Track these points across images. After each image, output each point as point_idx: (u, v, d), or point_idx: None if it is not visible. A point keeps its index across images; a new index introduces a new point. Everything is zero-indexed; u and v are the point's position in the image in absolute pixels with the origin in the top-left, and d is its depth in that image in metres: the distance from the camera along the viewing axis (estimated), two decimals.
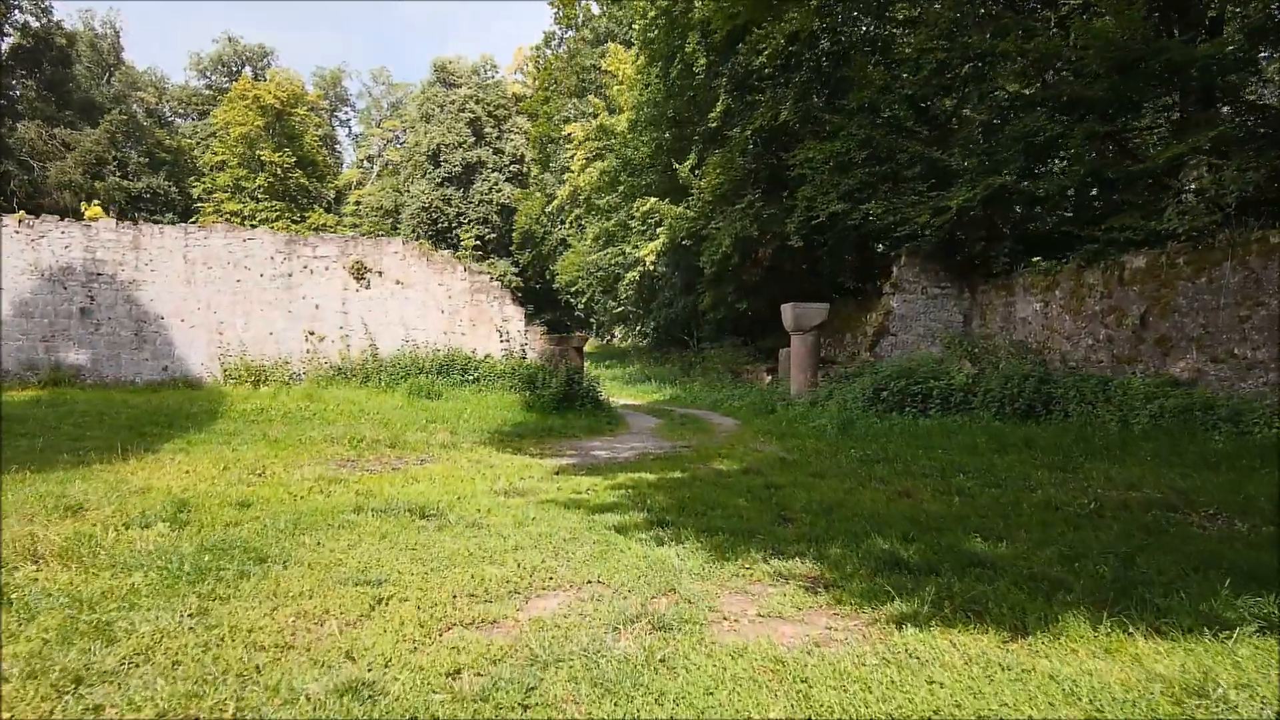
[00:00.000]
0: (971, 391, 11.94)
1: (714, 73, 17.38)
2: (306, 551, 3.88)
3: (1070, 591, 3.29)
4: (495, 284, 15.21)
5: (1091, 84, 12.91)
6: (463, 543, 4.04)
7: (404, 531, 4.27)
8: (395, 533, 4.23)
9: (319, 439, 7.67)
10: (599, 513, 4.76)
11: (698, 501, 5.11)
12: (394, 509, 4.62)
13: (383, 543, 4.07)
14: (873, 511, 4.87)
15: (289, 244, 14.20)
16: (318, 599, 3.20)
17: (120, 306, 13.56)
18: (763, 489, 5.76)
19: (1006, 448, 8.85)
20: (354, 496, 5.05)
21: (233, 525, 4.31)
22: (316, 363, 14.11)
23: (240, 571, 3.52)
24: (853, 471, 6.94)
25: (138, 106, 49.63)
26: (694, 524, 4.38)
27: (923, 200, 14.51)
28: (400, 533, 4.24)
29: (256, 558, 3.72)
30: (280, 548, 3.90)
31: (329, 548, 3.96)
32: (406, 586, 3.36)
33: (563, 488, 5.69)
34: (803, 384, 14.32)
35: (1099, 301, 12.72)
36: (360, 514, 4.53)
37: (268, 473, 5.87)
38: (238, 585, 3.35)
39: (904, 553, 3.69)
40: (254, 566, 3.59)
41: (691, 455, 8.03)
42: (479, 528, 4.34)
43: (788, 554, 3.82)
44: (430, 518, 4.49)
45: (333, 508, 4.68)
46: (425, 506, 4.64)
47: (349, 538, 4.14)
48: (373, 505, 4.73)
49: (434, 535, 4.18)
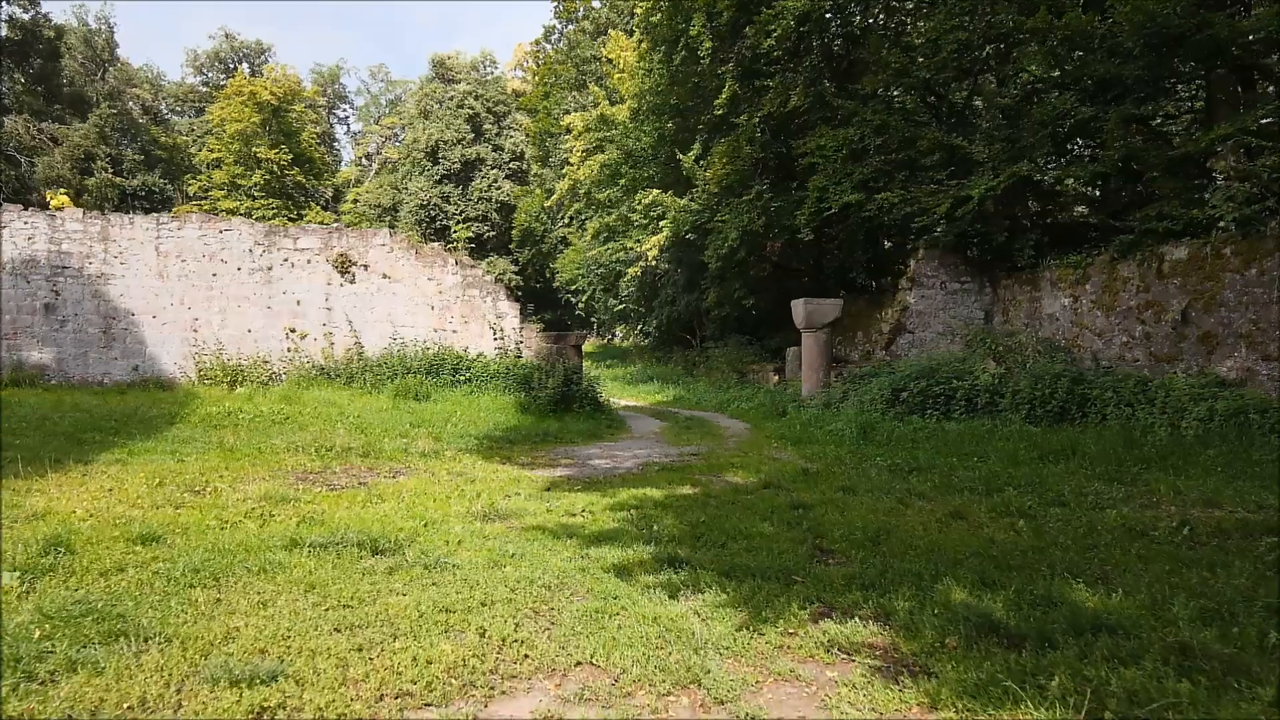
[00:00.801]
0: (998, 392, 11.13)
1: (720, 58, 16.52)
2: (189, 618, 2.90)
3: (1264, 684, 2.35)
4: (488, 279, 14.35)
5: (1125, 64, 12.05)
6: (415, 595, 3.13)
7: (341, 579, 3.36)
8: (329, 582, 3.32)
9: (282, 447, 6.81)
10: (595, 544, 3.89)
11: (714, 528, 4.25)
12: (340, 542, 3.74)
13: (307, 598, 3.14)
14: (928, 541, 4.01)
15: (268, 235, 13.33)
16: (162, 714, 2.23)
17: (88, 302, 12.70)
18: (788, 509, 4.90)
19: (1049, 456, 8.04)
20: (296, 524, 4.17)
21: (114, 573, 3.34)
22: (298, 362, 13.25)
23: (69, 660, 2.49)
24: (885, 485, 6.09)
25: (133, 103, 48.86)
26: (713, 561, 3.52)
27: (942, 189, 13.66)
28: (336, 581, 3.32)
29: (110, 632, 2.72)
30: (155, 613, 2.90)
31: (226, 610, 3.01)
32: (309, 684, 2.38)
33: (553, 509, 4.83)
34: (815, 384, 13.46)
35: (1135, 296, 11.87)
36: (294, 551, 3.63)
37: (208, 490, 5.00)
38: (44, 694, 2.31)
39: (993, 607, 2.82)
40: (97, 648, 2.58)
41: (701, 465, 7.17)
42: (442, 570, 3.46)
43: (840, 607, 2.95)
44: (384, 554, 3.60)
45: (262, 542, 3.79)
46: (380, 538, 3.76)
47: (262, 591, 3.21)
48: (314, 537, 3.83)
49: (381, 583, 3.30)
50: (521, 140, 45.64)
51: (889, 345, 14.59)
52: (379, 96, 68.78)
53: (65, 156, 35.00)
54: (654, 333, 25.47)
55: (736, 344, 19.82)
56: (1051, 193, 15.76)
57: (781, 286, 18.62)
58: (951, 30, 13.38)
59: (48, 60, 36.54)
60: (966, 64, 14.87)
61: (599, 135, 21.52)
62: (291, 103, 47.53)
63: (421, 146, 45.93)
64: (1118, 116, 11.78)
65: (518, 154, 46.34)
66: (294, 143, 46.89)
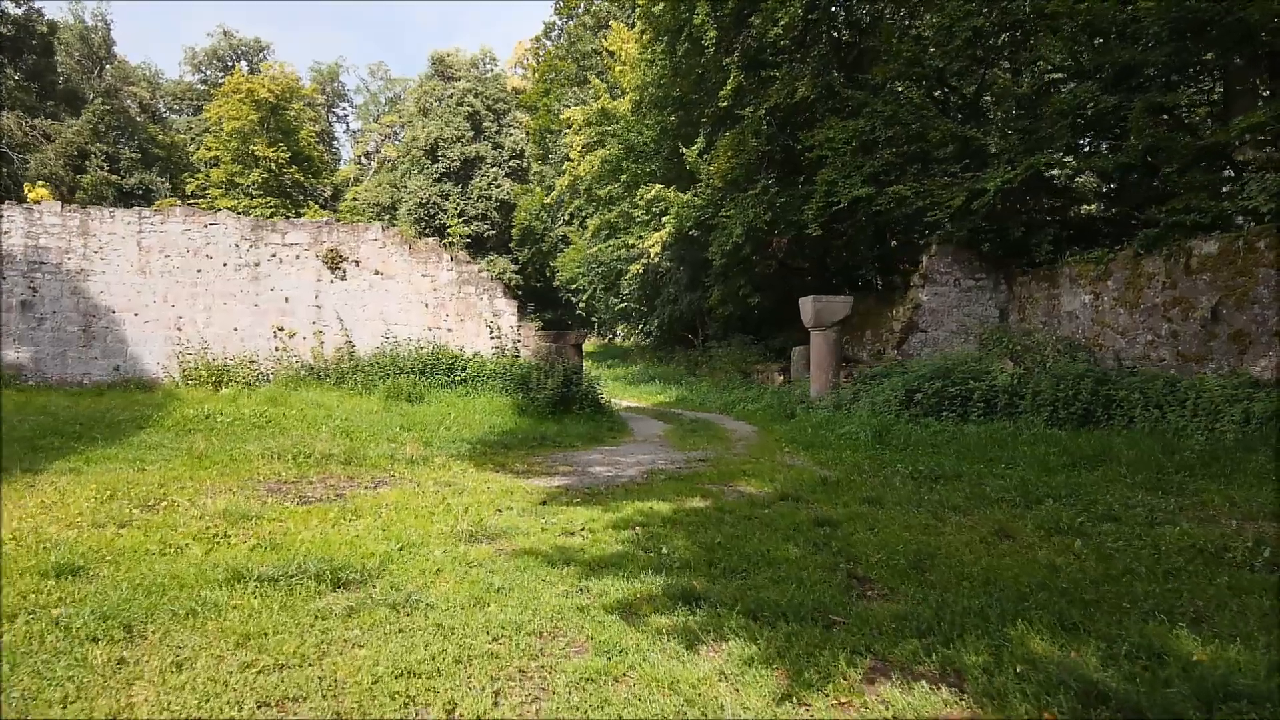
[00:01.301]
0: (1018, 394, 10.62)
1: (724, 48, 15.99)
2: (72, 689, 2.23)
3: None
4: (485, 275, 13.81)
5: (1149, 51, 11.53)
6: (375, 648, 2.54)
7: (286, 626, 2.75)
8: (269, 630, 2.71)
9: (257, 454, 6.28)
10: (596, 573, 3.35)
11: (732, 550, 3.72)
12: (296, 573, 3.16)
13: (237, 655, 2.54)
14: (978, 568, 3.48)
15: (255, 230, 12.78)
16: None
17: (66, 299, 12.17)
18: (812, 526, 4.37)
19: (1081, 462, 7.52)
20: (249, 549, 3.61)
21: (4, 620, 2.72)
22: (286, 362, 12.71)
23: None
24: (913, 496, 5.56)
25: (130, 101, 48.35)
26: (735, 595, 2.98)
27: (956, 182, 13.14)
28: (279, 630, 2.71)
29: None
30: (32, 682, 2.25)
31: (125, 676, 2.36)
32: None
33: (549, 526, 4.30)
34: (824, 385, 12.93)
35: (1160, 293, 11.35)
36: (236, 586, 3.02)
37: (163, 505, 4.47)
38: None
39: (1086, 663, 2.28)
40: None
41: (710, 473, 6.64)
42: (413, 610, 2.89)
43: (896, 661, 2.40)
44: (347, 587, 3.03)
45: (201, 574, 3.20)
46: (345, 567, 3.18)
47: (182, 647, 2.60)
48: (266, 567, 3.22)
49: (335, 630, 2.70)
50: (521, 138, 45.14)
51: (900, 344, 14.06)
52: (378, 95, 68.29)
53: (58, 153, 34.49)
54: (655, 332, 24.98)
55: (740, 343, 19.33)
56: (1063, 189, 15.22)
57: (786, 285, 18.10)
58: (965, 17, 12.86)
59: (41, 56, 36.02)
60: (980, 53, 14.33)
61: (600, 129, 20.98)
62: (290, 100, 47.01)
63: (421, 144, 45.41)
64: (1143, 105, 11.25)
65: (518, 152, 45.83)
66: (292, 141, 46.37)
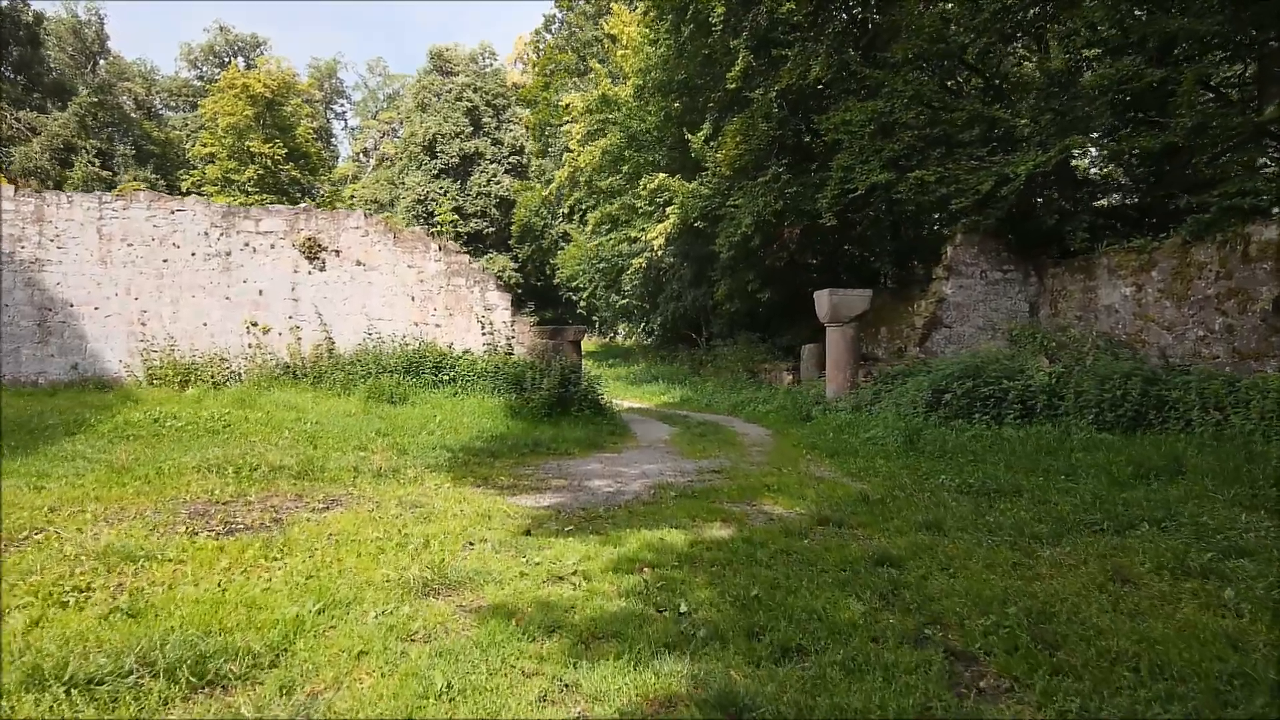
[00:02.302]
0: (1057, 394, 9.65)
1: (732, 26, 15.00)
2: None
3: None
4: (476, 266, 12.83)
5: (1200, 20, 10.54)
6: None
7: None
8: None
9: (192, 466, 5.32)
10: (590, 653, 2.36)
11: (776, 610, 2.75)
12: (140, 665, 2.05)
13: None
14: (1123, 638, 2.49)
15: (226, 217, 11.81)
16: None
17: (19, 291, 11.21)
18: (870, 567, 3.40)
19: (1151, 473, 6.54)
20: (99, 617, 2.53)
21: None
22: (260, 360, 11.74)
23: None
24: (978, 520, 4.59)
25: (125, 97, 47.46)
26: (797, 703, 1.99)
27: (984, 166, 12.16)
28: None
29: None
30: None
31: None
32: None
33: (530, 570, 3.31)
34: (841, 385, 11.94)
35: (1213, 283, 10.40)
36: (26, 696, 1.92)
37: (33, 539, 3.49)
38: None
39: None
40: None
41: (728, 487, 5.65)
42: None
43: None
44: (209, 690, 1.92)
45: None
46: (222, 651, 2.08)
47: None
48: (100, 654, 2.11)
49: None
50: (521, 134, 44.22)
51: (923, 341, 13.07)
52: (376, 91, 67.34)
53: (44, 146, 33.57)
54: (658, 330, 24.04)
55: (746, 341, 18.37)
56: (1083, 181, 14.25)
57: (795, 280, 17.11)
58: None
59: (27, 47, 35.10)
60: (1009, 29, 13.34)
61: (600, 117, 19.98)
62: (286, 96, 46.08)
63: (419, 140, 44.49)
64: (1194, 76, 10.26)
65: (517, 148, 44.91)
66: (289, 137, 45.45)
